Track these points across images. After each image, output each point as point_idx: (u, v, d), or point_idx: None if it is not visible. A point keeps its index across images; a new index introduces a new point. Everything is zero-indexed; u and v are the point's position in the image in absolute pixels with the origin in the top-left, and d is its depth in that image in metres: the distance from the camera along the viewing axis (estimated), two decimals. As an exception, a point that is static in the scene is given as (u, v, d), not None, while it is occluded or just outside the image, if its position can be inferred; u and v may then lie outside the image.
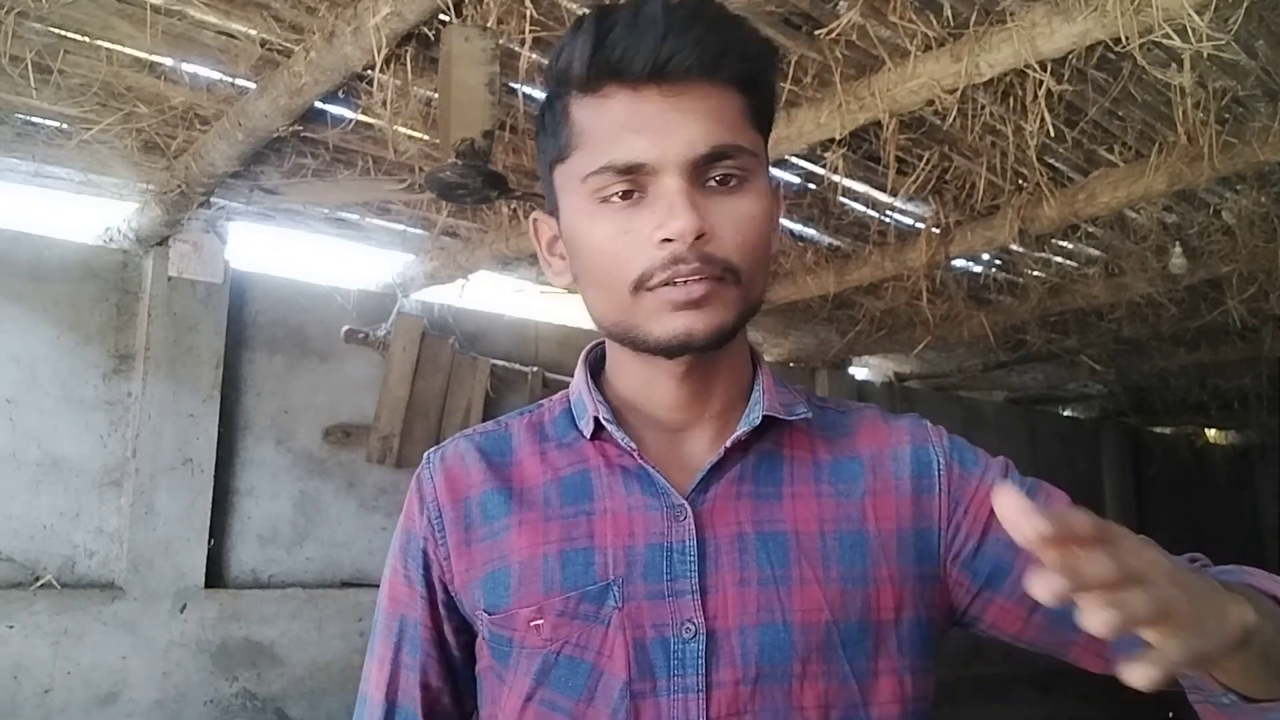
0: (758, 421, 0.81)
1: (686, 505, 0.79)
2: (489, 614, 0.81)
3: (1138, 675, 0.56)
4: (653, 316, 0.76)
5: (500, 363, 3.84)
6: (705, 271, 0.74)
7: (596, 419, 0.83)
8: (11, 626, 2.68)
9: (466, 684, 0.88)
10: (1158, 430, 7.10)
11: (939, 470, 0.84)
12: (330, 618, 3.26)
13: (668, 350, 0.77)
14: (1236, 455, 7.66)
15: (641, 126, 0.75)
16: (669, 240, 0.73)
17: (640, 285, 0.75)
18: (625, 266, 0.76)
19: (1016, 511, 0.53)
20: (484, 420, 4.15)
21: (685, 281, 0.74)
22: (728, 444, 0.80)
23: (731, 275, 0.76)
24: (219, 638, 3.02)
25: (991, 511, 0.79)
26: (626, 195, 0.76)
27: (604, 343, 0.89)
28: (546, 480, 0.84)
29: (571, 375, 0.91)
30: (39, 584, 2.78)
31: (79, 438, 2.92)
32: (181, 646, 2.94)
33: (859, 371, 5.24)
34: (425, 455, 0.90)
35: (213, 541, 3.09)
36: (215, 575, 3.12)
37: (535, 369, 3.92)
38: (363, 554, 3.46)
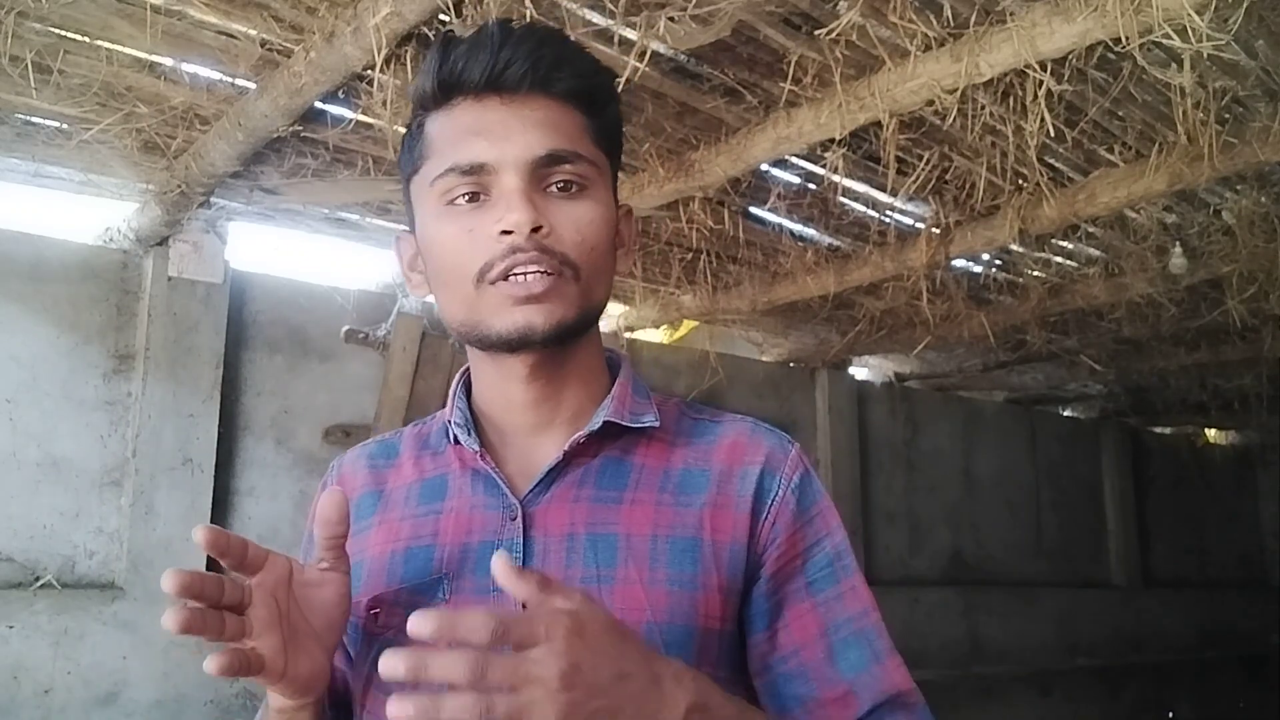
0: (596, 426, 0.85)
1: (518, 505, 0.84)
2: None
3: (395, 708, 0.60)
4: (495, 311, 0.81)
5: (500, 363, 3.84)
6: (543, 263, 0.79)
7: (450, 423, 0.90)
8: (11, 626, 2.68)
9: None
10: (1158, 430, 7.10)
11: (774, 499, 0.85)
12: (330, 618, 3.26)
13: (509, 344, 0.82)
14: (1236, 455, 7.66)
15: (483, 131, 0.81)
16: (508, 232, 0.79)
17: (482, 277, 0.80)
18: (469, 262, 0.81)
19: (503, 578, 0.64)
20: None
21: (525, 276, 0.79)
22: (566, 447, 0.85)
23: (570, 270, 0.81)
24: (219, 638, 3.02)
25: (790, 563, 0.85)
26: (472, 198, 0.81)
27: None
28: (411, 483, 0.92)
29: None
30: (39, 584, 2.78)
31: (79, 438, 2.92)
32: (182, 646, 2.94)
33: (859, 371, 5.24)
34: (332, 463, 0.99)
35: (213, 541, 3.08)
36: (215, 575, 3.11)
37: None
38: (363, 554, 3.46)
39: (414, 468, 0.93)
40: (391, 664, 0.60)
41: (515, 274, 0.79)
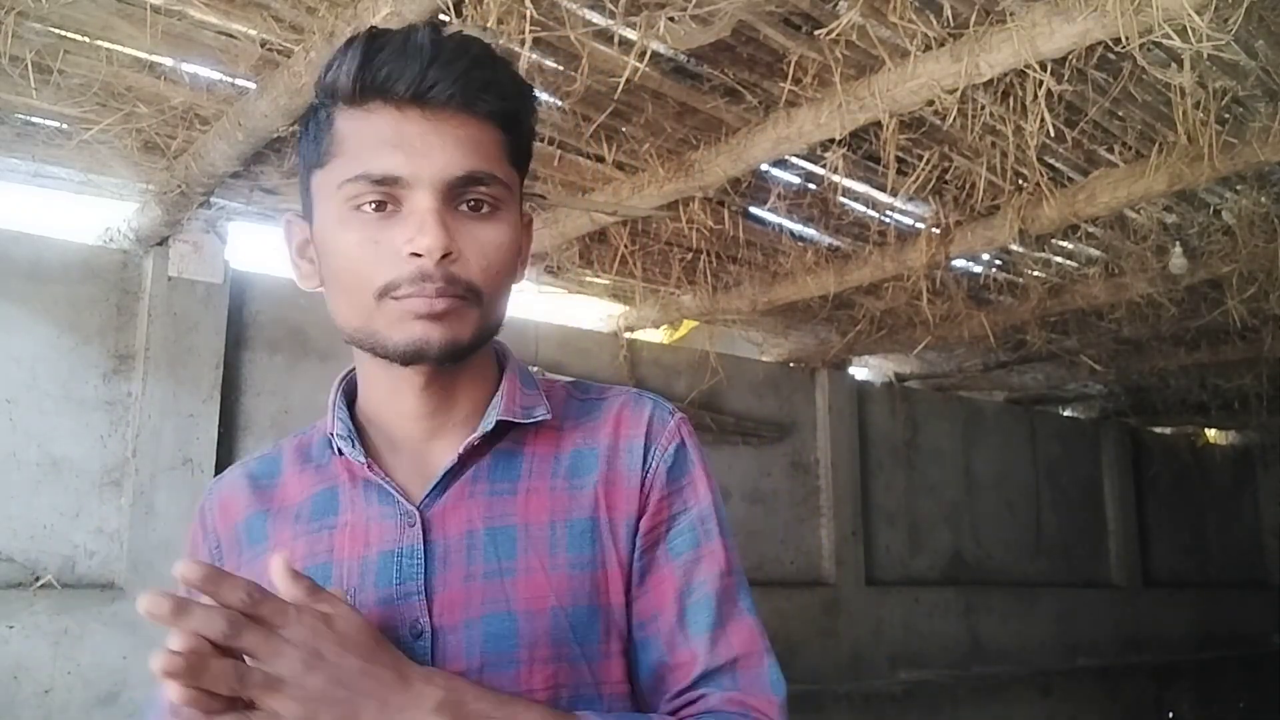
0: (490, 427, 0.85)
1: (415, 511, 0.84)
2: None
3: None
4: (393, 324, 0.80)
5: (500, 363, 3.83)
6: (449, 291, 0.79)
7: (334, 435, 0.88)
8: (11, 626, 2.68)
9: None
10: (1158, 430, 7.10)
11: (650, 470, 0.87)
12: (330, 618, 3.26)
13: (404, 357, 0.81)
14: (1236, 455, 7.66)
15: (401, 143, 0.79)
16: (417, 255, 0.77)
17: (385, 293, 0.79)
18: (372, 274, 0.79)
19: (278, 578, 0.69)
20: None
21: (428, 296, 0.78)
22: (461, 450, 0.84)
23: (473, 296, 0.81)
24: (219, 638, 3.02)
25: (657, 530, 0.86)
26: (379, 206, 0.80)
27: None
28: (301, 500, 0.90)
29: (570, 376, 0.95)
30: (39, 584, 2.78)
31: (79, 438, 2.92)
32: (181, 646, 2.94)
33: (859, 371, 5.24)
34: (208, 486, 0.98)
35: (213, 541, 3.09)
36: (215, 575, 3.11)
37: (535, 369, 3.91)
38: (363, 554, 3.46)
39: (300, 483, 0.91)
40: (156, 601, 0.63)
41: (421, 296, 0.79)
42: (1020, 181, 2.84)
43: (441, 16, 1.86)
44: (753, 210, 3.23)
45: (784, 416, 4.76)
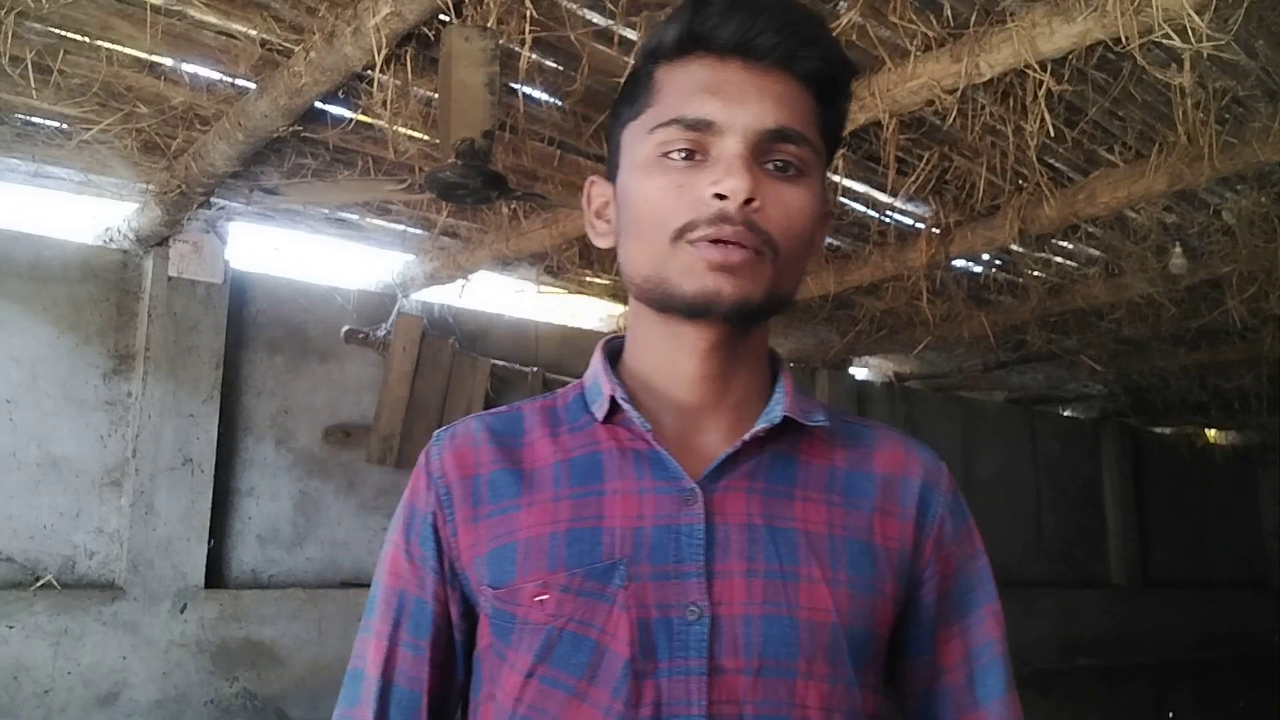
0: (778, 420, 0.82)
1: (698, 490, 0.80)
2: (493, 589, 0.81)
3: None
4: (685, 272, 0.78)
5: (500, 363, 3.84)
6: (747, 239, 0.76)
7: (613, 399, 0.83)
8: (11, 627, 2.68)
9: (463, 665, 0.88)
10: (1158, 430, 7.10)
11: (934, 518, 0.87)
12: (330, 618, 3.26)
13: (692, 308, 0.79)
14: (1236, 455, 7.65)
15: (718, 90, 0.78)
16: (721, 197, 0.76)
17: (681, 234, 0.78)
18: (670, 216, 0.78)
19: None
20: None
21: (726, 244, 0.76)
22: (745, 437, 0.81)
23: (770, 250, 0.78)
24: (219, 638, 3.02)
25: (944, 584, 0.87)
26: (688, 156, 0.79)
27: (621, 337, 0.91)
28: (558, 461, 0.85)
29: (572, 376, 0.94)
30: (39, 584, 2.78)
31: (79, 438, 2.92)
32: (182, 647, 2.94)
33: (859, 371, 5.24)
34: (435, 434, 0.90)
35: (213, 542, 3.09)
36: (215, 575, 3.12)
37: (535, 369, 3.92)
38: (363, 554, 3.46)
39: (553, 445, 0.86)
40: None
41: (717, 240, 0.76)
42: (1020, 181, 2.84)
43: (441, 16, 1.86)
44: (753, 210, 3.22)
45: (784, 416, 4.75)
